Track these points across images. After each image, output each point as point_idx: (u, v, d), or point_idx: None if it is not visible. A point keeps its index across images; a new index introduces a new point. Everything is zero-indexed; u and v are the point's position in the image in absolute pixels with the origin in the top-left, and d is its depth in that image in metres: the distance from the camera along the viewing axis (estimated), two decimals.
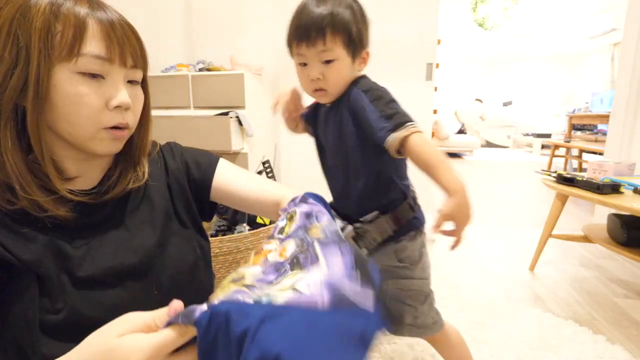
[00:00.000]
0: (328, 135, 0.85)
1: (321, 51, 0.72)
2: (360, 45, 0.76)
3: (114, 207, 0.50)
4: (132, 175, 0.52)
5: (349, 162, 0.80)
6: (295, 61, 0.79)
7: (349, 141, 0.78)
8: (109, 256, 0.47)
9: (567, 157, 4.24)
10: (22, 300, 0.41)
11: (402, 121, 0.69)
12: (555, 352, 1.09)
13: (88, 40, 0.41)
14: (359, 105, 0.75)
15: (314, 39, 0.71)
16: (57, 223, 0.45)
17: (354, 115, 0.77)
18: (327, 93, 0.78)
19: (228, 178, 0.62)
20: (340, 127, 0.80)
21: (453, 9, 4.60)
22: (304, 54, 0.74)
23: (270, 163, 1.25)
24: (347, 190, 0.82)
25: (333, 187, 0.88)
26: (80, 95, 0.41)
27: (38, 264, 0.42)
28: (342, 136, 0.80)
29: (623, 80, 2.03)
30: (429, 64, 2.31)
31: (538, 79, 7.57)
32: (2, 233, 0.41)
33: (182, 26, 2.65)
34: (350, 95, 0.77)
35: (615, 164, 1.50)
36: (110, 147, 0.46)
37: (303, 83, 0.80)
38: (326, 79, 0.75)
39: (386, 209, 0.79)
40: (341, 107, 0.79)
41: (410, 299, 0.83)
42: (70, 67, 0.41)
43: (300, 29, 0.73)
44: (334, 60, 0.73)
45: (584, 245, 1.98)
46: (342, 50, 0.73)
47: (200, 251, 0.57)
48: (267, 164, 1.24)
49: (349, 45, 0.74)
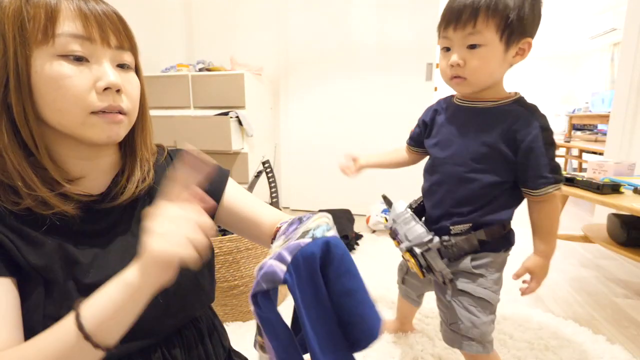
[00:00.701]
0: (452, 138, 0.78)
1: (468, 34, 0.66)
2: (519, 32, 0.67)
3: (122, 212, 0.50)
4: (139, 176, 0.51)
5: (472, 173, 0.75)
6: (440, 46, 0.73)
7: (484, 154, 0.74)
8: (115, 263, 0.46)
9: (567, 157, 4.24)
10: (28, 304, 0.41)
11: (560, 179, 0.72)
12: (555, 352, 1.09)
13: (62, 20, 0.39)
14: (529, 136, 0.70)
15: (463, 21, 0.65)
16: (65, 225, 0.44)
17: (512, 137, 0.71)
18: (466, 82, 0.71)
19: (236, 196, 0.60)
20: (479, 137, 0.74)
21: None
22: (449, 37, 0.69)
23: (270, 163, 1.25)
24: (455, 196, 0.78)
25: (435, 191, 0.83)
26: (62, 77, 0.40)
27: (47, 269, 0.41)
28: (478, 145, 0.74)
29: (623, 80, 2.03)
30: (429, 64, 2.31)
31: (538, 79, 7.57)
32: (14, 237, 0.41)
33: (182, 26, 2.65)
34: (520, 118, 0.71)
35: (615, 164, 1.50)
36: (107, 132, 0.44)
37: (442, 70, 0.74)
38: (468, 66, 0.68)
39: (480, 226, 0.78)
40: (499, 118, 0.73)
41: (475, 306, 0.79)
42: (48, 50, 0.39)
43: (453, 10, 0.67)
44: (480, 45, 0.67)
45: (584, 245, 1.98)
46: (494, 35, 0.66)
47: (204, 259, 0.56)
48: (267, 164, 1.24)
49: (504, 30, 0.66)
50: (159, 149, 0.59)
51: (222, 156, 2.14)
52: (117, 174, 0.51)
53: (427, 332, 1.19)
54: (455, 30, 0.67)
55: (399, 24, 2.30)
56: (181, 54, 2.65)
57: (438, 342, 1.14)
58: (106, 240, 0.47)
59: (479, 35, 0.66)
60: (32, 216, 0.42)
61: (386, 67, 2.34)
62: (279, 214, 0.60)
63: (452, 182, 0.79)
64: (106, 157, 0.50)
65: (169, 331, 0.50)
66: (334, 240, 0.34)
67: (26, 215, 0.42)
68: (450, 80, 0.73)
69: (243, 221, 0.60)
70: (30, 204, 0.41)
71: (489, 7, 0.64)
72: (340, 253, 0.34)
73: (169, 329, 0.50)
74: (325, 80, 2.45)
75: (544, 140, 0.70)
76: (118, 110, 0.44)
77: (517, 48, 0.69)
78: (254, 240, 0.61)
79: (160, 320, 0.48)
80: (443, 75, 0.75)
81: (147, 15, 2.20)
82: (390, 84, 2.36)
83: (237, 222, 0.60)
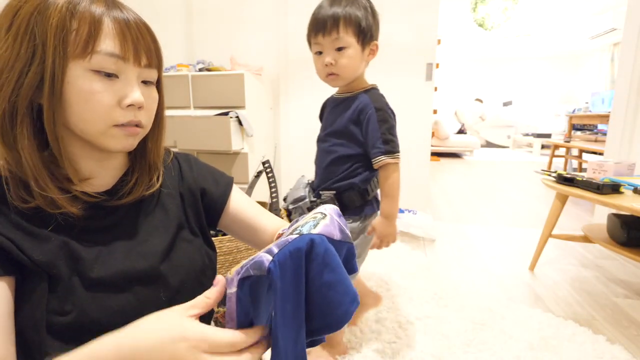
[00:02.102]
0: (329, 121, 1.00)
1: (335, 39, 0.87)
2: (369, 37, 0.90)
3: (128, 211, 0.51)
4: (146, 181, 0.52)
5: (333, 147, 0.98)
6: (312, 50, 0.93)
7: (340, 132, 0.96)
8: (120, 260, 0.47)
9: (567, 157, 4.24)
10: (31, 300, 0.41)
11: (393, 151, 0.91)
12: (555, 352, 1.09)
13: (102, 38, 0.41)
14: (366, 115, 0.92)
15: (329, 29, 0.86)
16: (70, 223, 0.45)
17: (356, 118, 0.93)
18: (338, 77, 0.91)
19: (240, 203, 0.62)
20: (340, 119, 0.96)
21: (453, 9, 4.60)
22: (320, 42, 0.89)
23: (270, 163, 1.25)
24: (323, 166, 1.00)
25: (317, 163, 1.05)
26: (93, 92, 0.42)
27: (51, 265, 0.42)
28: (338, 125, 0.97)
29: (623, 80, 2.03)
30: (429, 64, 2.31)
31: (538, 79, 7.57)
32: (17, 234, 0.41)
33: (182, 26, 2.65)
34: (361, 103, 0.93)
35: (615, 164, 1.50)
36: (124, 143, 0.46)
37: (318, 70, 0.94)
38: (338, 64, 0.89)
39: (343, 191, 0.97)
40: (350, 104, 0.95)
41: None
42: (84, 64, 0.41)
43: (319, 21, 0.87)
44: (345, 47, 0.87)
45: (584, 245, 1.98)
46: (353, 39, 0.87)
47: (208, 260, 0.56)
48: (267, 164, 1.24)
49: (359, 35, 0.87)
50: (165, 151, 0.60)
51: (222, 156, 2.14)
52: (124, 174, 0.52)
53: (427, 332, 1.19)
54: (324, 36, 0.87)
55: (399, 24, 2.30)
56: (181, 54, 2.65)
57: (438, 341, 1.14)
58: (110, 238, 0.48)
59: (343, 40, 0.87)
60: (39, 214, 0.43)
61: (386, 67, 2.34)
62: (280, 222, 0.62)
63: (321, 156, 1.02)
64: (114, 160, 0.51)
65: None
66: (318, 237, 0.37)
67: (33, 213, 0.43)
68: (326, 77, 0.93)
69: (245, 228, 0.61)
70: (40, 202, 0.42)
71: (345, 18, 0.85)
72: (323, 249, 0.36)
73: None
74: None
75: (377, 118, 0.91)
76: (136, 124, 0.46)
77: (369, 49, 0.92)
78: (255, 247, 0.63)
79: None
80: (319, 74, 0.94)
81: (147, 15, 2.19)
82: (390, 84, 2.35)
83: (239, 229, 0.61)
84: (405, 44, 2.30)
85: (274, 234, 0.59)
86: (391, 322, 1.25)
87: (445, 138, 5.97)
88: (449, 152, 6.27)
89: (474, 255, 1.88)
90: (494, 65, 7.71)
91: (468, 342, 1.14)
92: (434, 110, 2.46)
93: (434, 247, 1.99)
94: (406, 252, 1.87)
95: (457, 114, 7.47)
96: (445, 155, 6.16)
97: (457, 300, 1.40)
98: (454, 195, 3.24)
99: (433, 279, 1.59)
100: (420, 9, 2.25)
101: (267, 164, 1.25)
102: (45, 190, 0.42)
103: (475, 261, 1.81)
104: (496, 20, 4.09)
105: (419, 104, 2.36)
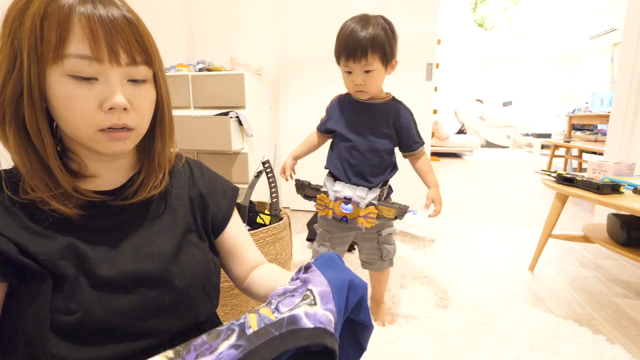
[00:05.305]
0: (356, 123, 1.12)
1: (364, 65, 1.00)
2: (391, 57, 1.04)
3: (136, 211, 0.50)
4: (153, 182, 0.51)
5: (371, 146, 1.11)
6: (343, 70, 1.06)
7: (378, 136, 1.10)
8: (127, 261, 0.46)
9: (567, 157, 4.24)
10: (36, 299, 0.41)
11: (423, 142, 1.15)
12: (555, 352, 1.09)
13: (71, 39, 0.39)
14: (407, 121, 1.11)
15: (359, 57, 0.98)
16: (75, 222, 0.45)
17: (397, 124, 1.10)
18: (366, 93, 1.07)
19: (234, 225, 0.62)
20: (372, 122, 1.10)
21: (453, 9, 4.60)
22: (350, 66, 1.02)
23: (270, 163, 1.25)
24: (363, 164, 1.11)
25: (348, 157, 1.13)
26: (71, 98, 0.41)
27: (57, 264, 0.42)
28: (372, 129, 1.10)
29: (623, 80, 2.03)
30: (429, 64, 2.31)
31: (538, 79, 7.57)
32: (23, 235, 0.41)
33: (182, 26, 2.65)
34: (398, 109, 1.11)
35: (615, 164, 1.50)
36: (112, 147, 0.45)
37: (348, 85, 1.08)
38: (366, 84, 1.03)
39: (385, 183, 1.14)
40: (379, 109, 1.11)
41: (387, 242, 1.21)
42: (59, 70, 0.40)
43: (349, 48, 0.99)
44: (373, 70, 1.01)
45: (584, 245, 1.98)
46: (379, 64, 1.01)
47: (213, 265, 0.56)
48: (267, 164, 1.24)
49: (383, 59, 1.01)
50: (177, 155, 0.60)
51: (222, 156, 2.14)
52: (134, 174, 0.52)
53: (427, 332, 1.19)
54: (355, 62, 1.00)
55: (399, 24, 2.29)
56: (181, 54, 2.65)
57: (438, 341, 1.14)
58: (117, 237, 0.48)
59: (371, 65, 1.00)
60: (46, 214, 0.43)
61: None
62: (259, 257, 0.63)
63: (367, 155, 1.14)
64: (121, 160, 0.51)
65: (173, 332, 0.50)
66: None
67: (40, 213, 0.43)
68: (355, 93, 1.09)
69: (226, 252, 0.61)
70: (33, 196, 0.43)
71: (373, 46, 0.97)
72: None
73: (173, 330, 0.50)
74: (325, 80, 2.44)
75: (412, 120, 1.13)
76: (123, 126, 0.44)
77: (390, 66, 1.06)
78: (226, 272, 0.63)
79: (164, 321, 0.48)
80: (348, 89, 1.10)
81: (147, 15, 2.20)
82: (390, 83, 2.35)
83: (221, 251, 0.61)
84: (405, 44, 2.29)
85: (252, 268, 0.60)
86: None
87: (445, 138, 5.97)
88: (449, 152, 6.27)
89: (474, 255, 1.88)
90: (494, 66, 7.71)
91: (468, 342, 1.14)
92: (434, 110, 2.46)
93: (434, 247, 1.99)
94: (406, 252, 1.87)
95: (457, 114, 7.47)
96: (445, 155, 6.16)
97: (457, 300, 1.40)
98: (454, 195, 3.24)
99: (433, 279, 1.59)
100: (420, 9, 2.25)
101: (267, 164, 1.25)
102: (35, 190, 0.42)
103: (475, 261, 1.81)
104: (496, 21, 4.09)
105: (419, 104, 2.36)
